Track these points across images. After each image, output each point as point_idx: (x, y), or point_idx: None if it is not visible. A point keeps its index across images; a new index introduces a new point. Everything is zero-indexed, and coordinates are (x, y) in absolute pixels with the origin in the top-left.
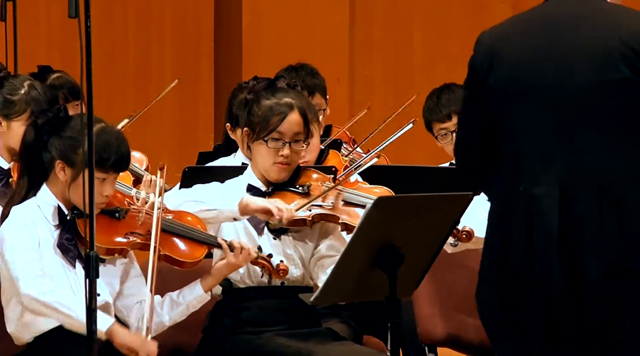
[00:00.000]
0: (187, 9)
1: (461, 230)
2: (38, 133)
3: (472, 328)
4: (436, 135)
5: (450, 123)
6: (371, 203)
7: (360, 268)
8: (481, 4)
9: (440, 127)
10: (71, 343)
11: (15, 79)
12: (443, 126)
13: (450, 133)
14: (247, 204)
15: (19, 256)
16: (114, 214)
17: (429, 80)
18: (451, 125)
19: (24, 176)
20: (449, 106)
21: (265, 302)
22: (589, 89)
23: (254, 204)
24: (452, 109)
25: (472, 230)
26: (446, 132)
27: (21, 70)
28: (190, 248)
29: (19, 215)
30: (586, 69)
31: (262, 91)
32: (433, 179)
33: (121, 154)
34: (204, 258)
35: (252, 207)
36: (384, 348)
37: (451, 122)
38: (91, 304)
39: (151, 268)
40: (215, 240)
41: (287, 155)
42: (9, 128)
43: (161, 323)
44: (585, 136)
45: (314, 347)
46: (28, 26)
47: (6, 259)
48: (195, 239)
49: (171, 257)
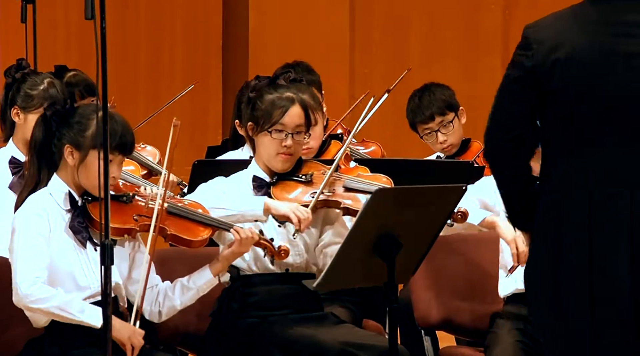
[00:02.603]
0: (197, 12)
1: (456, 211)
2: (47, 125)
3: (466, 312)
4: (421, 135)
5: (433, 123)
6: (371, 195)
7: (361, 256)
8: (474, 7)
9: (424, 127)
10: (84, 327)
11: (37, 75)
12: (427, 127)
13: (435, 132)
14: (268, 209)
15: (22, 252)
16: (122, 198)
17: (426, 78)
18: (434, 125)
19: (34, 167)
20: (430, 108)
21: (271, 288)
22: None
23: (275, 210)
24: (433, 110)
25: (467, 210)
26: (430, 131)
27: (40, 69)
28: (196, 229)
29: (31, 204)
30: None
31: (265, 87)
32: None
33: (125, 137)
34: (209, 244)
35: (274, 212)
36: (383, 331)
37: (434, 123)
38: (106, 289)
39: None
40: (220, 222)
41: (289, 145)
42: (26, 120)
43: (173, 307)
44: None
45: (316, 330)
46: (47, 28)
47: (12, 249)
48: (200, 222)
49: (178, 236)
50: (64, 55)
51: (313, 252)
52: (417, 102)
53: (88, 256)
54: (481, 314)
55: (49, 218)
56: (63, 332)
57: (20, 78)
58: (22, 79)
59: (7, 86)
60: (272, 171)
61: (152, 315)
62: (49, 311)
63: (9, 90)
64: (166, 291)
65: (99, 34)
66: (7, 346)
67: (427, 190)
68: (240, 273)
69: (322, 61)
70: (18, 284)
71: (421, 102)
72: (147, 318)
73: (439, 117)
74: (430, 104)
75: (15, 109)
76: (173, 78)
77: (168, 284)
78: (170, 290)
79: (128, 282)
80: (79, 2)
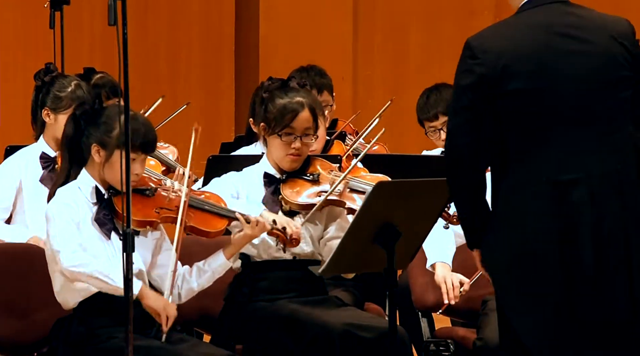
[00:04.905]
0: (212, 20)
1: (452, 215)
2: (77, 124)
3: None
4: (426, 131)
5: (437, 122)
6: (372, 188)
7: (362, 244)
8: (468, 13)
9: (429, 125)
10: (110, 308)
11: (65, 78)
12: (431, 125)
13: (438, 130)
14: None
15: (59, 232)
16: (145, 192)
17: (424, 80)
18: (438, 124)
19: (66, 162)
20: (436, 107)
21: (279, 274)
22: (600, 88)
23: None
24: (439, 109)
25: None
26: (435, 129)
27: (67, 72)
28: (213, 220)
29: (62, 195)
30: (597, 70)
31: (276, 90)
32: (426, 166)
33: (148, 137)
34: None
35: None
36: (383, 313)
37: (438, 121)
38: (128, 274)
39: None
40: (234, 214)
41: (298, 148)
42: (56, 121)
43: (191, 289)
44: (602, 129)
45: (321, 312)
46: (73, 33)
47: (49, 234)
48: (217, 213)
49: (196, 227)
50: (88, 59)
51: (318, 244)
52: (425, 101)
53: (113, 245)
54: (474, 297)
55: (79, 209)
56: (90, 312)
57: (49, 81)
58: (51, 82)
59: (37, 88)
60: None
61: (173, 297)
62: (92, 276)
63: (39, 92)
64: (184, 275)
65: (121, 39)
66: (37, 327)
67: (424, 183)
68: (251, 259)
69: (327, 64)
70: (61, 255)
71: (428, 101)
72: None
73: (442, 116)
74: (436, 103)
75: (45, 111)
76: (189, 81)
77: (186, 268)
78: (188, 274)
79: (152, 267)
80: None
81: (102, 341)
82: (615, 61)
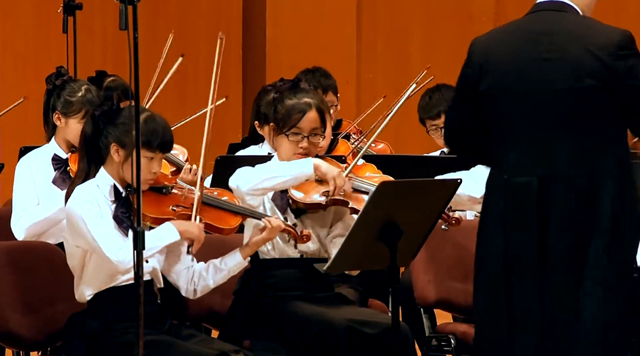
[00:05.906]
0: (219, 24)
1: (451, 217)
2: (95, 123)
3: (461, 292)
4: (428, 129)
5: (439, 121)
6: (375, 187)
7: (366, 242)
8: (467, 19)
9: (431, 123)
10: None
11: (75, 83)
12: (433, 123)
13: (440, 129)
14: (317, 167)
15: (94, 228)
16: (161, 190)
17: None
18: (440, 122)
19: (84, 161)
20: (438, 106)
21: (287, 271)
22: (563, 95)
23: (319, 171)
24: (441, 108)
25: (461, 217)
26: (436, 127)
27: (80, 75)
28: (227, 217)
29: (82, 193)
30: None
31: (286, 90)
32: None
33: (165, 137)
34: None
35: (318, 173)
36: (386, 310)
37: (440, 120)
38: (139, 271)
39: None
40: (248, 210)
41: (305, 147)
42: (67, 124)
43: (207, 286)
44: (560, 135)
45: (327, 309)
46: (86, 37)
47: (82, 231)
48: (231, 210)
49: (212, 225)
50: (100, 62)
51: (324, 242)
52: (427, 100)
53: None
54: None
55: (99, 206)
56: (103, 307)
57: (60, 85)
58: (61, 86)
59: (49, 91)
60: None
61: (188, 292)
62: None
63: (50, 96)
64: (200, 272)
65: (132, 43)
66: (51, 321)
67: (426, 183)
68: (260, 256)
69: (332, 67)
70: (109, 257)
71: (430, 100)
72: (184, 295)
73: (444, 115)
74: (438, 103)
75: (57, 114)
76: (197, 84)
77: (202, 265)
78: (204, 271)
79: (167, 258)
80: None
81: (116, 336)
82: (581, 70)
